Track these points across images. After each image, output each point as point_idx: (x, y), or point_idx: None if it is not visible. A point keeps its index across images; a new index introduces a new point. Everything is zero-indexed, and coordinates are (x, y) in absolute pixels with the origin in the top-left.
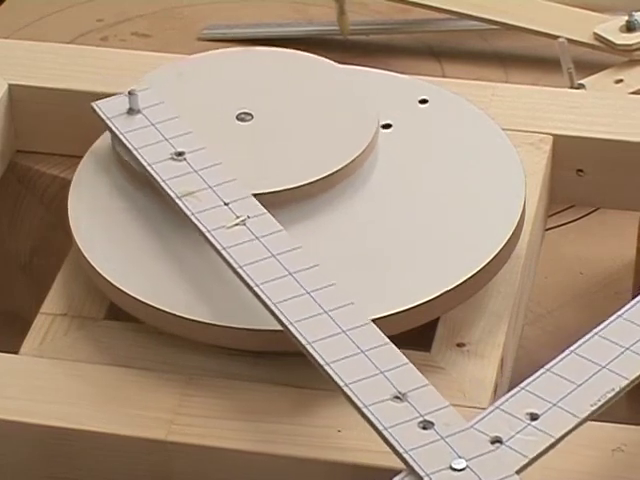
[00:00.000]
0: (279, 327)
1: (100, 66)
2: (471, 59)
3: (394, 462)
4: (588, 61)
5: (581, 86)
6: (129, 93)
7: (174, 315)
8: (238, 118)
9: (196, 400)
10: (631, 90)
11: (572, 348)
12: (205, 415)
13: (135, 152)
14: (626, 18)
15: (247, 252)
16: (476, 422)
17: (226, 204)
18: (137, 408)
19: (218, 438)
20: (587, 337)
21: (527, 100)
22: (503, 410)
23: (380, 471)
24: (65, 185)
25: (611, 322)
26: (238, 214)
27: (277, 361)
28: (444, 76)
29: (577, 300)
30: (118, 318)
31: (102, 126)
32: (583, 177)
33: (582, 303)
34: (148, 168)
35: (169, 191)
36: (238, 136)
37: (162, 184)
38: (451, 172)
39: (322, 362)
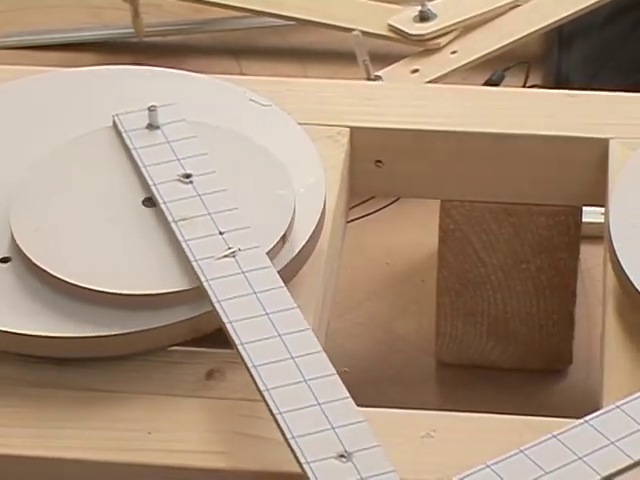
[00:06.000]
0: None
1: None
2: (269, 56)
3: (207, 462)
4: (385, 53)
5: (378, 78)
6: (149, 109)
7: None
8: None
9: None
10: (427, 79)
11: (555, 433)
12: (4, 424)
13: (143, 169)
14: (419, 8)
15: (229, 286)
16: None
17: (221, 233)
18: None
19: (18, 447)
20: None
21: (323, 94)
22: None
23: (192, 471)
24: None
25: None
26: (230, 245)
27: (82, 367)
28: (242, 74)
29: (385, 290)
30: None
31: None
32: (382, 168)
33: (391, 292)
34: (152, 187)
35: (167, 214)
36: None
37: (162, 206)
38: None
39: (276, 411)
